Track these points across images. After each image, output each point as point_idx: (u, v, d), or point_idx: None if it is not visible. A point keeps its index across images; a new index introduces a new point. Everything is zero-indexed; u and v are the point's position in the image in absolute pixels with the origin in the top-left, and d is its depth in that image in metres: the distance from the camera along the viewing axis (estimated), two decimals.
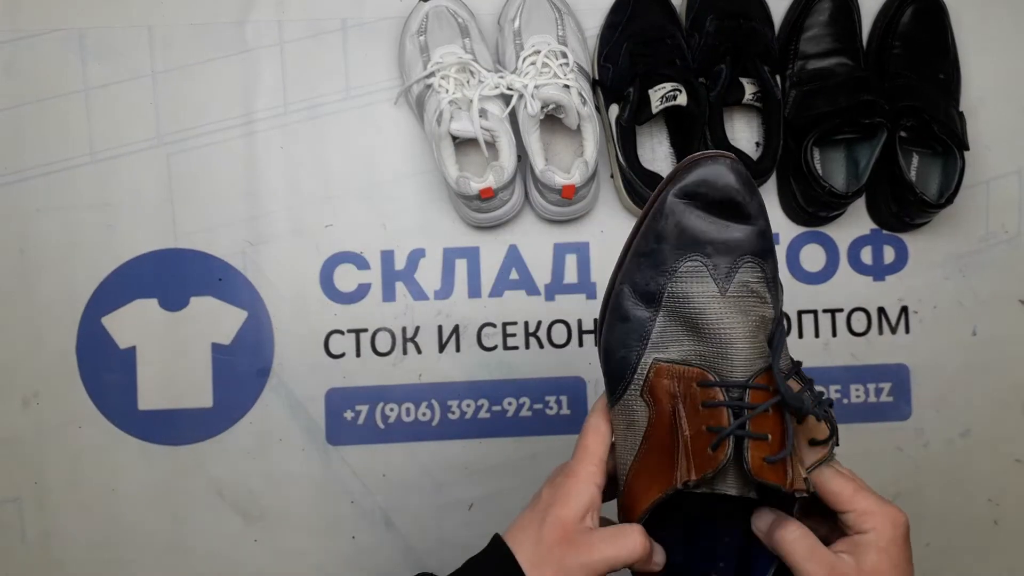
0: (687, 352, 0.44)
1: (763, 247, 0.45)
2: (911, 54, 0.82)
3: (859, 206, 0.86)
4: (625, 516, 0.46)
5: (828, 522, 0.46)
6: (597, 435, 0.47)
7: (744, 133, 0.83)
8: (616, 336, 0.46)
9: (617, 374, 0.46)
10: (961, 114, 0.81)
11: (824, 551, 0.43)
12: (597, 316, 0.48)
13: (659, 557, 0.46)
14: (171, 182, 0.85)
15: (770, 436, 0.42)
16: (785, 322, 0.47)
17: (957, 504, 0.84)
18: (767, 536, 0.44)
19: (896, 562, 0.42)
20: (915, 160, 0.83)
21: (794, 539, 0.43)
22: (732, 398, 0.42)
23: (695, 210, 0.44)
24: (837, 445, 0.46)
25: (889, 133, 0.77)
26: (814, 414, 0.43)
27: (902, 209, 0.81)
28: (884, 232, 0.86)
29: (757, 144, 0.83)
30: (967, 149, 0.78)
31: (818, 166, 0.81)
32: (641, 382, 0.45)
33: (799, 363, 0.46)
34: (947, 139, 0.78)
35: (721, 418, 0.42)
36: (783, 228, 0.86)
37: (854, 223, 0.86)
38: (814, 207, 0.82)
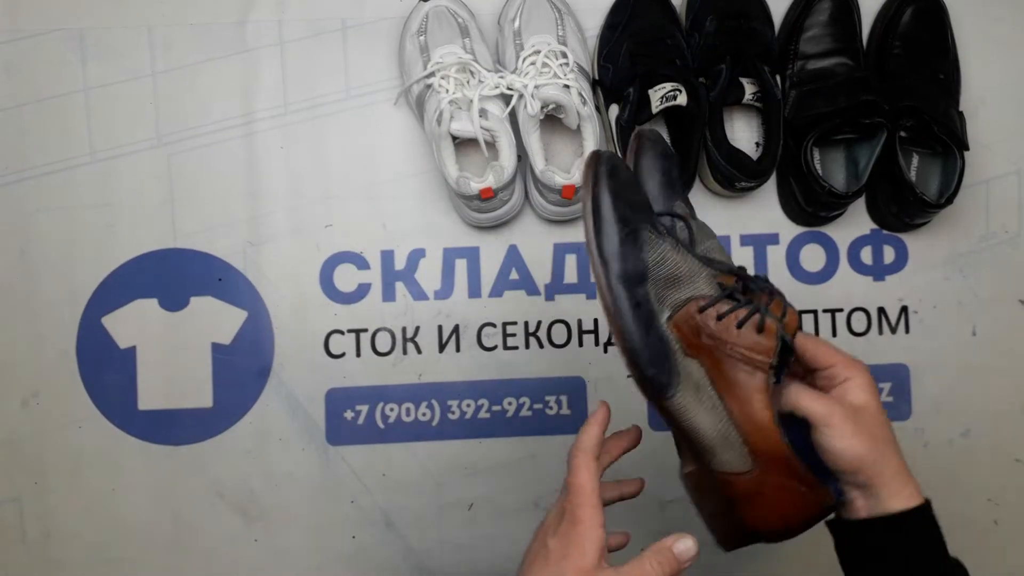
0: (676, 301, 0.50)
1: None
2: (911, 54, 0.82)
3: (859, 206, 0.86)
4: (760, 444, 0.49)
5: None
6: (588, 471, 0.49)
7: (744, 133, 0.83)
8: (637, 327, 0.49)
9: (657, 358, 0.49)
10: (961, 114, 0.81)
11: (826, 395, 0.50)
12: (614, 340, 0.51)
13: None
14: (171, 182, 0.85)
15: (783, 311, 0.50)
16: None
17: (957, 504, 0.84)
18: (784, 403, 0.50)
19: (878, 402, 0.50)
20: (915, 160, 0.83)
21: (796, 388, 0.50)
22: (753, 304, 0.50)
23: (622, 197, 0.50)
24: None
25: (889, 133, 0.77)
26: (762, 289, 0.51)
27: (902, 209, 0.81)
28: (884, 232, 0.86)
29: (757, 144, 0.83)
30: (967, 149, 0.78)
31: (818, 166, 0.82)
32: (678, 345, 0.49)
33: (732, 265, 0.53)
34: (947, 139, 0.78)
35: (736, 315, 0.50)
36: (783, 228, 0.86)
37: (854, 223, 0.86)
38: (814, 207, 0.82)
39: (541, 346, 0.85)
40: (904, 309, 0.86)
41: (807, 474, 0.50)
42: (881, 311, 0.86)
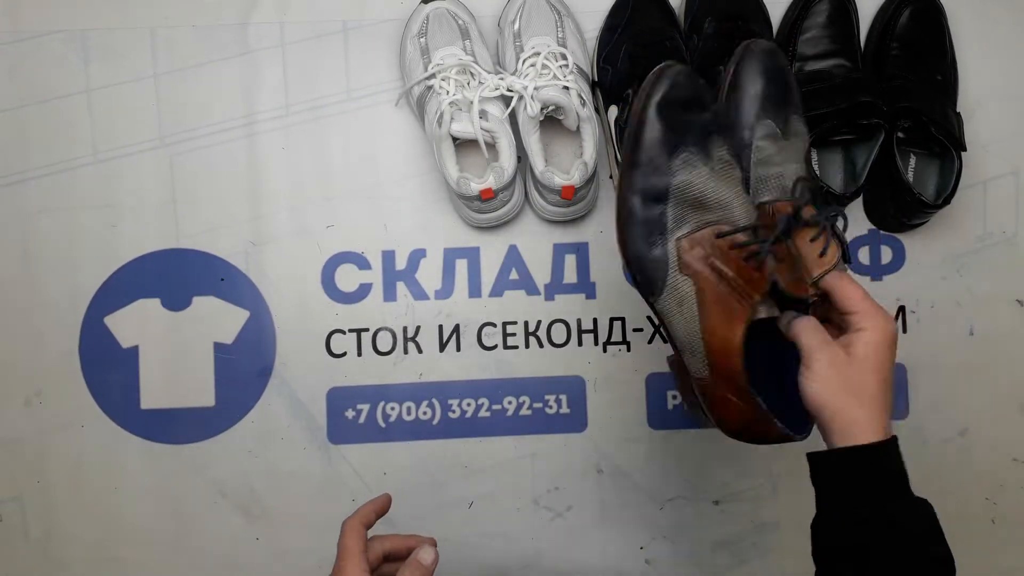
0: (699, 222, 0.55)
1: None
2: (909, 55, 0.83)
3: (857, 206, 0.86)
4: (720, 361, 0.55)
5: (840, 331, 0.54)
6: (354, 533, 0.57)
7: None
8: (639, 238, 0.56)
9: (650, 270, 0.56)
10: (959, 115, 0.82)
11: (824, 334, 0.52)
12: (616, 239, 0.58)
13: None
14: (174, 183, 0.85)
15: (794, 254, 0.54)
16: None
17: (955, 503, 0.85)
18: (787, 328, 0.54)
19: (881, 359, 0.52)
20: (912, 161, 0.83)
21: (803, 324, 0.53)
22: (757, 241, 0.53)
23: (671, 114, 0.55)
24: (848, 261, 0.57)
25: (887, 134, 0.77)
26: (816, 223, 0.55)
27: (900, 210, 0.82)
28: (882, 232, 0.86)
29: None
30: (964, 150, 0.79)
31: (816, 167, 0.82)
32: (676, 263, 0.55)
33: (828, 206, 0.57)
34: (944, 140, 0.78)
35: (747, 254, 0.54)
36: None
37: (852, 223, 0.86)
38: None
39: (541, 346, 0.85)
40: (902, 309, 0.86)
41: (752, 400, 0.55)
42: None
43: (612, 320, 0.86)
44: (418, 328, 0.85)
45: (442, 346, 0.85)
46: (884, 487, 0.51)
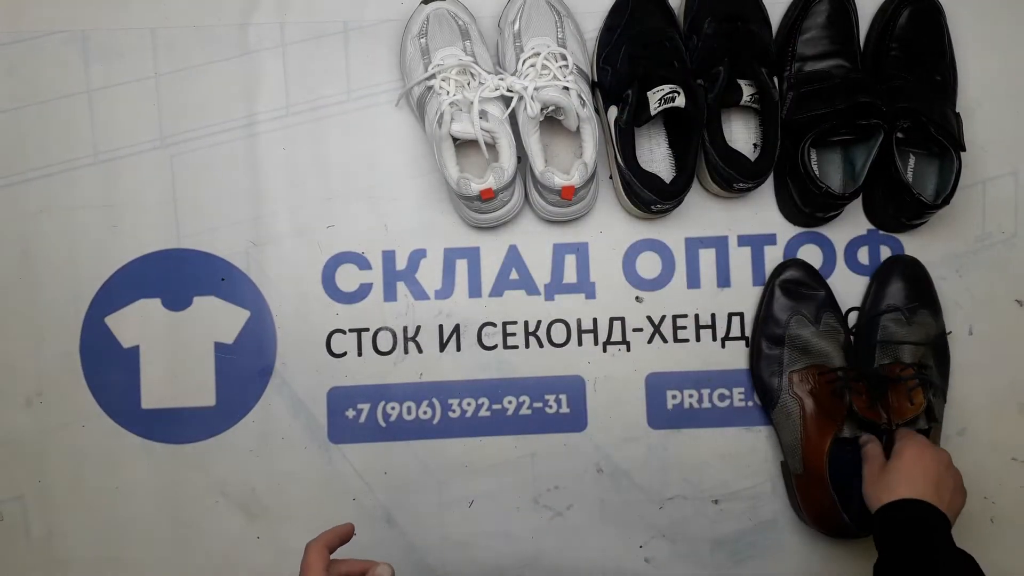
0: (806, 364, 0.80)
1: (830, 302, 0.83)
2: (908, 56, 0.83)
3: (856, 207, 0.86)
4: (811, 462, 0.78)
5: None
6: (318, 554, 0.60)
7: (742, 134, 0.84)
8: (764, 369, 0.83)
9: (769, 391, 0.82)
10: (958, 115, 0.82)
11: (879, 454, 0.75)
12: (748, 365, 0.85)
13: None
14: (174, 183, 0.85)
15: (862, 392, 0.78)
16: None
17: None
18: (861, 446, 0.77)
19: (908, 468, 0.71)
20: (912, 161, 0.83)
21: (867, 442, 0.77)
22: (839, 377, 0.78)
23: (791, 290, 0.83)
24: (935, 420, 0.79)
25: (886, 134, 0.77)
26: (885, 383, 0.79)
27: (899, 210, 0.82)
28: (881, 232, 0.86)
29: (755, 145, 0.83)
30: (964, 150, 0.79)
31: (815, 167, 0.82)
32: (788, 387, 0.80)
33: (917, 365, 0.80)
34: (944, 140, 0.78)
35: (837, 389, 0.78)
36: (781, 229, 0.86)
37: (851, 223, 0.86)
38: (811, 208, 0.82)
39: (541, 345, 0.86)
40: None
41: (830, 495, 0.76)
42: None
43: (612, 320, 0.86)
44: (418, 328, 0.85)
45: (442, 346, 0.85)
46: (924, 539, 0.66)
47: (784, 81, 0.83)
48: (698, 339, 0.86)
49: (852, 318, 0.84)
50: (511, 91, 0.77)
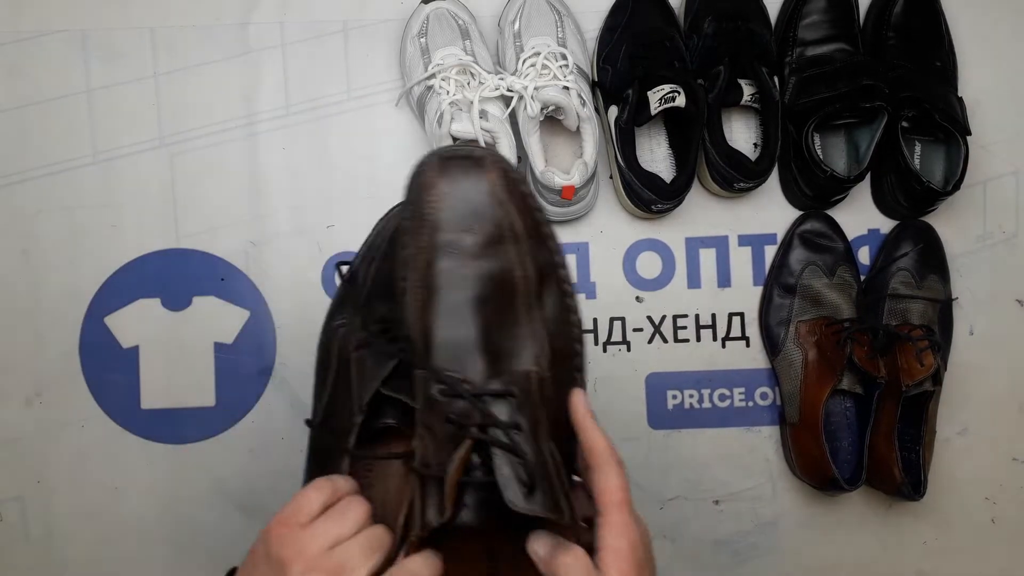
0: (815, 315, 0.81)
1: (848, 256, 0.83)
2: (906, 44, 0.82)
3: (864, 200, 0.86)
4: (808, 411, 0.79)
5: None
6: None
7: (742, 134, 0.84)
8: (772, 315, 0.83)
9: (775, 338, 0.83)
10: (960, 99, 0.81)
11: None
12: (757, 312, 0.85)
13: None
14: (174, 183, 0.85)
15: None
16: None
17: (954, 502, 0.85)
18: (545, 562, 0.46)
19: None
20: (918, 149, 0.83)
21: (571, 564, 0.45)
22: (845, 328, 0.79)
23: (809, 240, 0.83)
24: (939, 383, 0.79)
25: (890, 120, 0.77)
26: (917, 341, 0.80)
27: (908, 198, 0.82)
28: (882, 232, 0.86)
29: (755, 145, 0.83)
30: (969, 134, 0.78)
31: (819, 151, 0.82)
32: (794, 336, 0.81)
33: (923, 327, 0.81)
34: (949, 126, 0.78)
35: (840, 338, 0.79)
36: (781, 228, 0.86)
37: (851, 223, 0.86)
38: (816, 192, 0.82)
39: None
40: None
41: (822, 445, 0.77)
42: None
43: (612, 320, 0.86)
44: None
45: None
46: None
47: (786, 66, 0.82)
48: (698, 339, 0.85)
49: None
50: (511, 91, 0.77)
